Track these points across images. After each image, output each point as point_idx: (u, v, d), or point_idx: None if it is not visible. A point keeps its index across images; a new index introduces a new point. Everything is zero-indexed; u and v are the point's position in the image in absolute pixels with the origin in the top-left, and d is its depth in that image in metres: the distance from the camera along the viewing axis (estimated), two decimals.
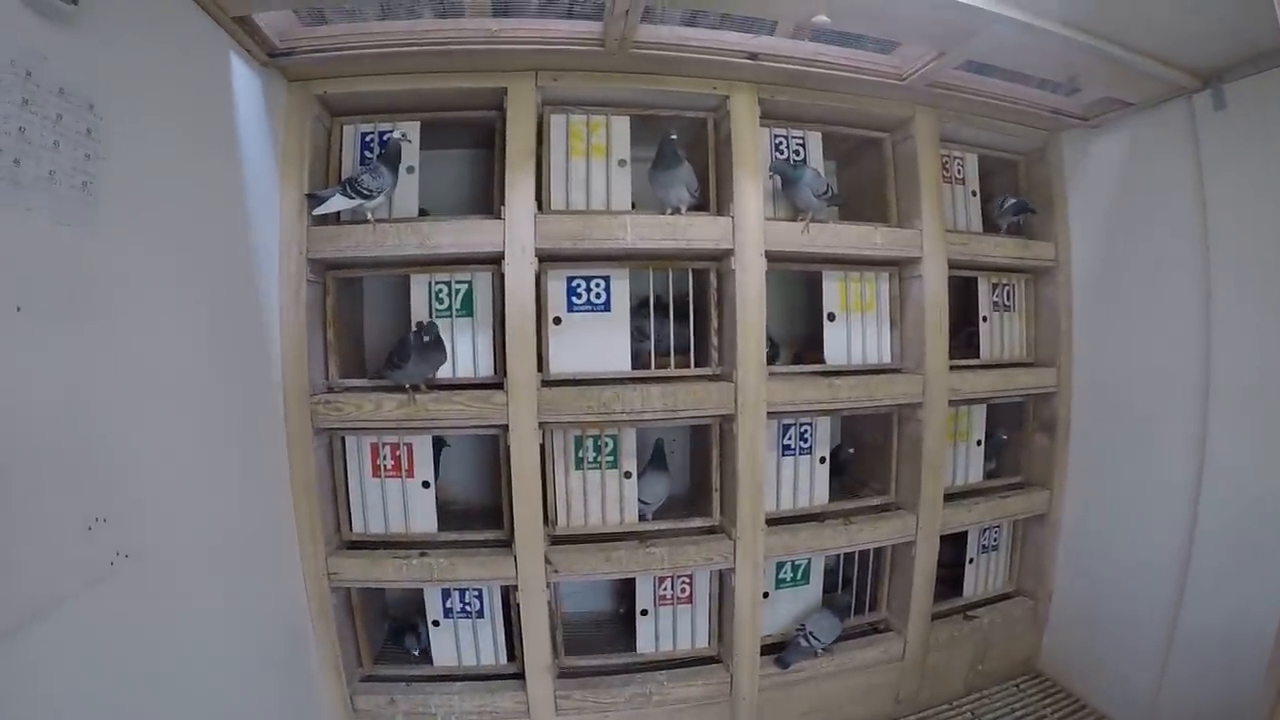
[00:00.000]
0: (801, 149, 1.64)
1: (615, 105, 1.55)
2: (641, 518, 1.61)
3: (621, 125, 1.55)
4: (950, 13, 1.24)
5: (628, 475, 1.55)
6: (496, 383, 1.48)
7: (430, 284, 1.54)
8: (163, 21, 1.04)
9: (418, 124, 1.54)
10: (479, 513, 1.72)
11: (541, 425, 1.46)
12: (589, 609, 1.89)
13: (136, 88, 0.96)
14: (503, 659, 1.61)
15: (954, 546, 1.82)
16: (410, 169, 1.53)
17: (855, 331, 1.65)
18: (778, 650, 1.65)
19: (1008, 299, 1.81)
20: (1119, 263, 1.71)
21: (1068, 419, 1.82)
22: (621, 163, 1.54)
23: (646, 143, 1.61)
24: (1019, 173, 1.88)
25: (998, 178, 1.88)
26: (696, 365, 1.57)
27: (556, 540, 1.55)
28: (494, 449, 1.54)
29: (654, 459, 1.63)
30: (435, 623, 1.60)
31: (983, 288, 1.77)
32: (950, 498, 1.72)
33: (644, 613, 1.62)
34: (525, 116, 1.46)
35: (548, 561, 1.50)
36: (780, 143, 1.62)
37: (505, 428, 1.45)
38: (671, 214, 1.50)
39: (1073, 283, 1.81)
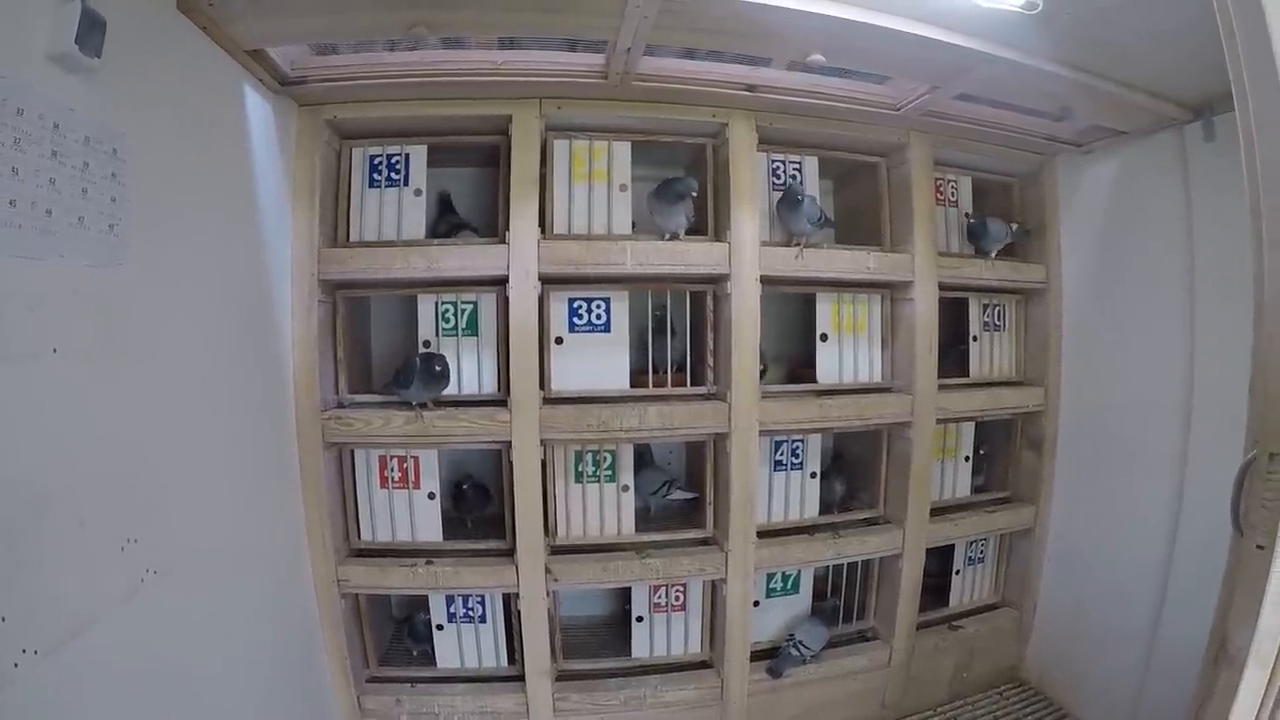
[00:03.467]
0: (799, 173, 1.66)
1: (617, 131, 1.58)
2: (648, 509, 1.67)
3: (623, 151, 1.58)
4: (941, 52, 1.26)
5: (625, 489, 1.60)
6: (500, 400, 1.52)
7: (437, 304, 1.58)
8: (179, 61, 1.08)
9: (424, 148, 1.57)
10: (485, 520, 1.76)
11: (543, 441, 1.51)
12: (586, 613, 1.94)
13: (155, 127, 1.00)
14: (503, 662, 1.67)
15: (941, 558, 1.86)
16: (418, 192, 1.56)
17: (847, 351, 1.69)
18: (768, 656, 1.69)
19: (998, 319, 1.84)
20: (1108, 285, 1.74)
21: (1054, 437, 1.84)
22: (623, 187, 1.58)
23: (649, 164, 1.64)
24: (1013, 195, 1.90)
25: (992, 199, 1.90)
26: (692, 384, 1.60)
27: (556, 550, 1.60)
28: (497, 463, 1.58)
29: (641, 460, 1.68)
30: (439, 626, 1.66)
31: (973, 308, 1.80)
32: (938, 512, 1.76)
33: (639, 619, 1.67)
34: (529, 144, 1.49)
35: (548, 570, 1.55)
36: (778, 167, 1.65)
37: (509, 444, 1.49)
38: (670, 239, 1.53)
39: (1063, 304, 1.83)
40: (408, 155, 1.57)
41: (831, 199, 1.93)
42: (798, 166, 1.66)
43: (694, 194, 1.49)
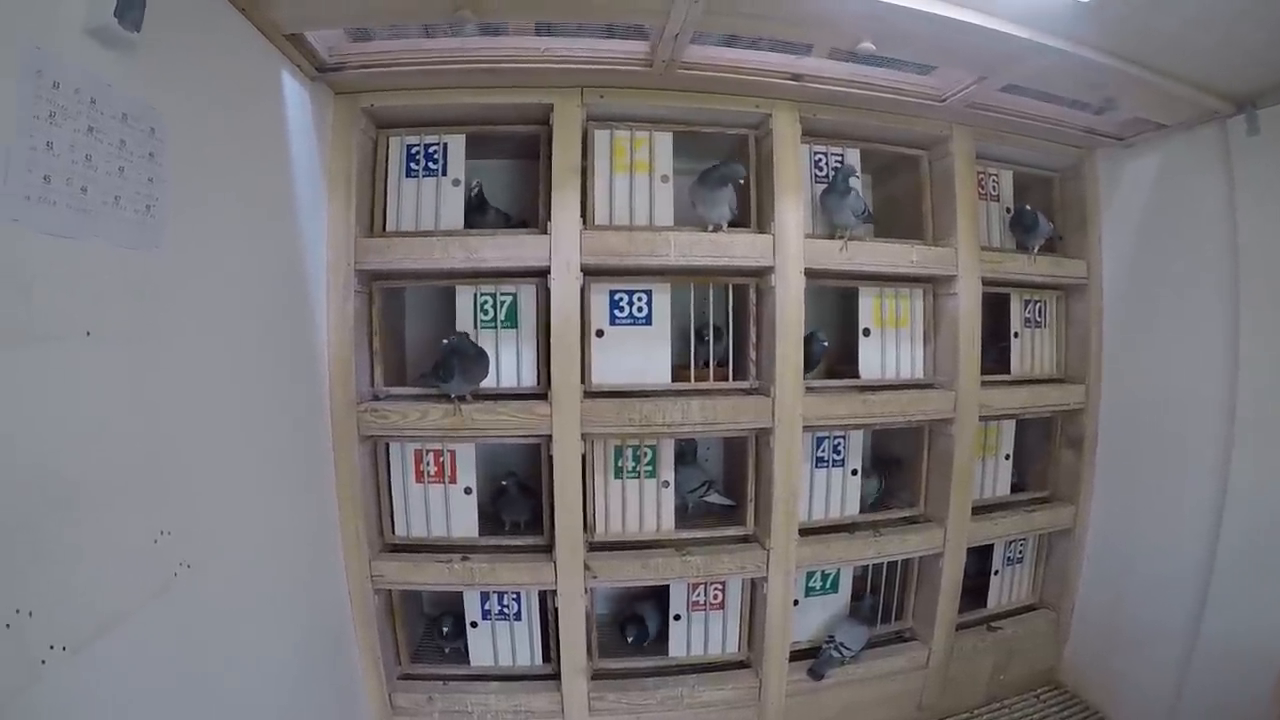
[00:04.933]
0: (841, 164, 1.56)
1: (658, 121, 1.50)
2: (685, 507, 1.59)
3: (664, 141, 1.49)
4: (992, 41, 1.18)
5: (665, 485, 1.50)
6: (540, 393, 1.44)
7: (476, 295, 1.49)
8: (218, 42, 1.01)
9: (463, 137, 1.48)
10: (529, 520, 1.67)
11: (583, 435, 1.42)
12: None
13: (193, 108, 0.92)
14: (538, 660, 1.58)
15: (980, 558, 1.76)
16: (456, 182, 1.48)
17: (890, 346, 1.59)
18: (806, 657, 1.60)
19: (1039, 315, 1.74)
20: (1150, 282, 1.64)
21: (1095, 435, 1.75)
22: (664, 178, 1.49)
23: (688, 157, 1.55)
24: (1054, 189, 1.80)
25: (1033, 194, 1.80)
26: (735, 379, 1.51)
27: (595, 547, 1.51)
28: (537, 459, 1.49)
29: (683, 456, 1.60)
30: (474, 624, 1.57)
31: (1015, 304, 1.70)
32: (977, 511, 1.66)
33: (677, 617, 1.57)
34: (571, 133, 1.40)
35: (586, 567, 1.46)
36: (820, 159, 1.56)
37: (549, 438, 1.40)
38: (714, 230, 1.44)
39: (1104, 301, 1.73)
40: (446, 145, 1.48)
41: (870, 193, 1.83)
42: (840, 158, 1.57)
43: (741, 179, 1.40)
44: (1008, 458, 1.74)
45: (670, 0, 1.07)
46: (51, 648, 0.66)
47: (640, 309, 1.47)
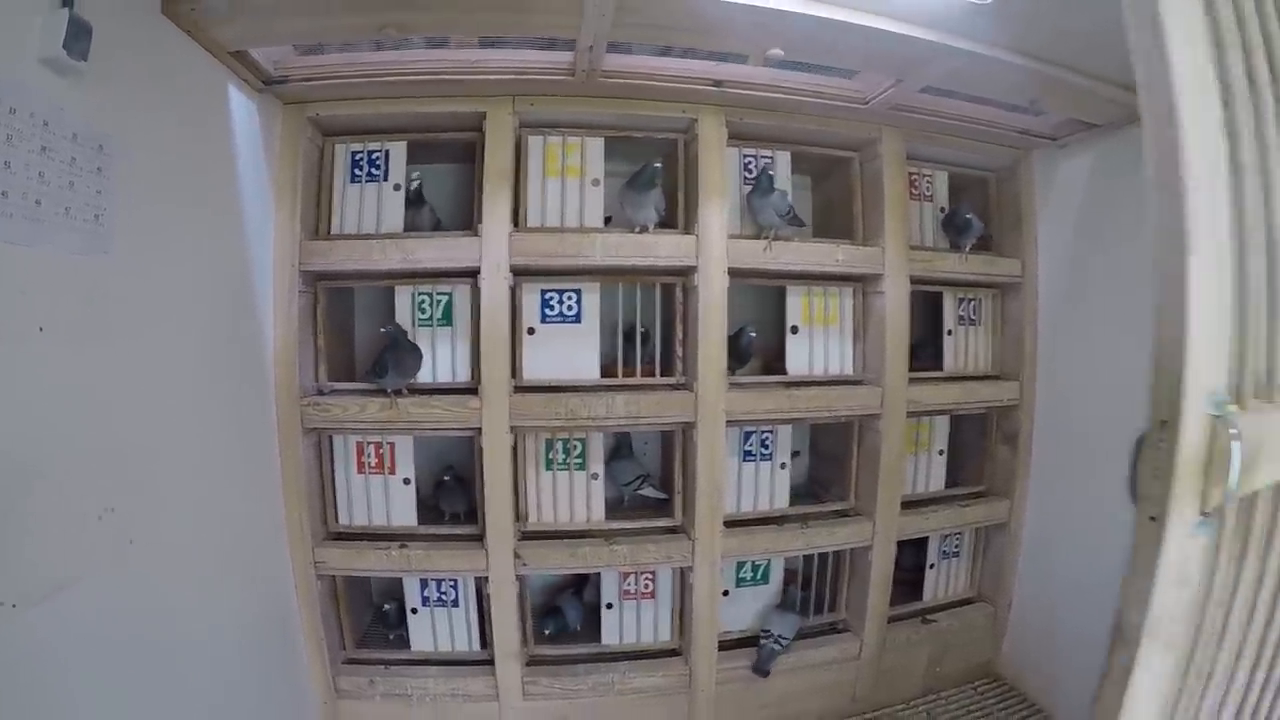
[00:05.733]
0: (770, 167, 1.74)
1: (589, 127, 1.68)
2: (620, 499, 1.78)
3: (595, 146, 1.68)
4: (897, 45, 1.34)
5: (595, 477, 1.69)
6: (472, 388, 1.62)
7: (414, 295, 1.68)
8: (164, 62, 1.20)
9: (404, 144, 1.68)
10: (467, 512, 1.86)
11: (513, 429, 1.61)
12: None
13: (142, 124, 1.12)
14: (475, 646, 1.77)
15: (917, 551, 1.93)
16: (397, 187, 1.67)
17: (818, 344, 1.77)
18: (739, 646, 1.78)
19: (974, 313, 1.91)
20: (1084, 280, 1.80)
21: (1030, 431, 1.91)
22: (595, 182, 1.67)
23: (625, 159, 1.73)
24: (989, 190, 1.97)
25: (970, 194, 1.97)
26: (662, 375, 1.69)
27: (527, 536, 1.70)
28: (473, 450, 1.68)
29: (620, 449, 1.79)
30: (414, 610, 1.76)
31: (948, 302, 1.87)
32: (911, 505, 1.83)
33: (609, 606, 1.76)
34: (502, 140, 1.59)
35: (517, 555, 1.64)
36: (749, 162, 1.74)
37: (479, 430, 1.59)
38: (640, 232, 1.62)
39: (1039, 299, 1.90)
40: (388, 151, 1.68)
41: (810, 194, 2.01)
42: (769, 160, 1.75)
43: (658, 179, 1.58)
44: (941, 453, 1.91)
45: (579, 16, 1.26)
46: (1, 604, 0.84)
47: (570, 307, 1.66)
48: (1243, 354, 0.72)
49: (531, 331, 1.66)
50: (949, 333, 1.87)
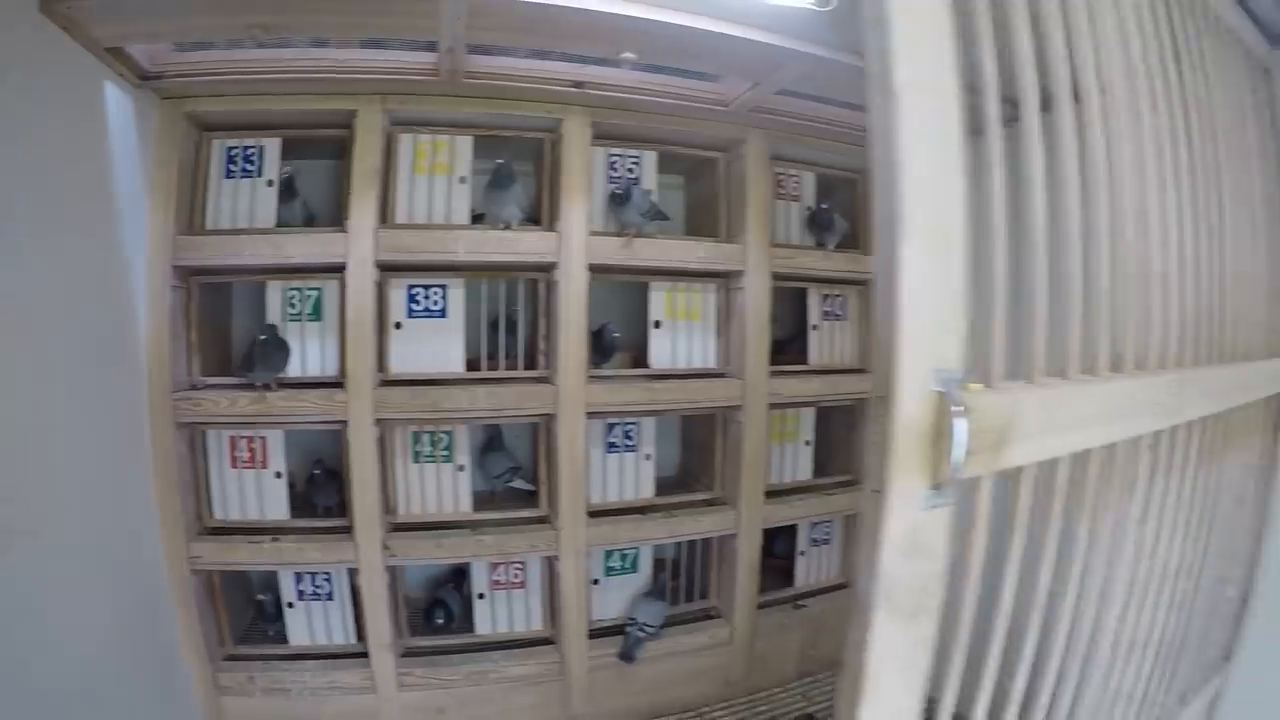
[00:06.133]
0: (636, 167, 1.88)
1: (459, 126, 1.80)
2: (492, 491, 1.90)
3: (465, 144, 1.80)
4: (748, 49, 1.46)
5: (461, 469, 1.80)
6: (339, 382, 1.73)
7: (284, 290, 1.78)
8: (41, 58, 1.26)
9: (279, 140, 1.78)
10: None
11: (380, 421, 1.71)
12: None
13: (14, 120, 1.19)
14: (351, 638, 1.86)
15: (789, 539, 2.07)
16: (270, 182, 1.77)
17: (681, 338, 1.91)
18: (612, 634, 1.90)
19: (839, 309, 2.06)
20: None
21: None
22: (463, 180, 1.79)
23: (493, 156, 1.85)
24: (856, 190, 2.12)
25: (839, 194, 2.12)
26: (526, 369, 1.81)
27: (396, 527, 1.80)
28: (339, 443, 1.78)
29: (492, 443, 1.91)
30: (290, 604, 1.85)
31: (812, 298, 2.03)
32: (777, 494, 1.97)
33: (480, 596, 1.87)
34: (372, 137, 1.70)
35: (385, 547, 1.74)
36: (615, 162, 1.87)
37: (346, 423, 1.69)
38: (503, 229, 1.74)
39: None
40: (263, 147, 1.78)
41: (682, 193, 2.15)
42: (636, 161, 1.88)
43: (515, 177, 1.71)
44: (809, 444, 2.05)
45: (437, 20, 1.38)
46: None
47: (436, 303, 1.77)
48: (989, 336, 0.78)
49: (399, 326, 1.77)
50: (814, 327, 2.02)
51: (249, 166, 1.78)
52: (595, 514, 1.82)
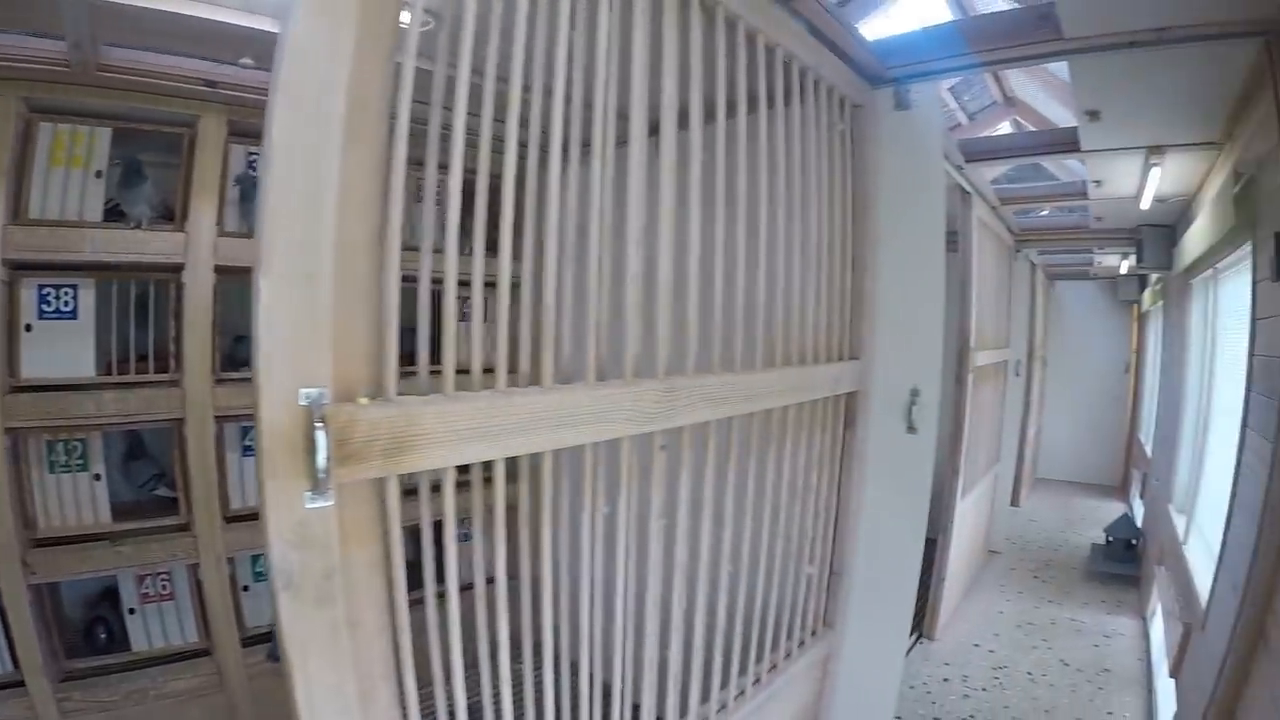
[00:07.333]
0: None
1: (99, 117, 1.94)
2: (137, 500, 2.05)
3: (104, 137, 1.95)
4: None
5: (97, 478, 1.95)
6: None
7: None
8: None
9: None
10: None
11: (12, 430, 1.85)
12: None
13: None
14: (8, 667, 1.98)
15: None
16: None
17: None
18: (269, 640, 2.03)
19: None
20: None
21: None
22: (99, 174, 1.94)
23: (135, 151, 1.99)
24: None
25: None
26: (157, 371, 1.95)
27: (39, 542, 1.93)
28: None
29: (134, 450, 2.05)
30: None
31: None
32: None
33: (131, 611, 2.01)
34: (4, 126, 1.82)
35: (25, 564, 1.88)
36: (254, 160, 2.01)
37: None
38: (134, 228, 1.89)
39: None
40: None
41: None
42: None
43: (142, 173, 1.87)
44: None
45: (58, 14, 1.53)
46: None
47: (67, 303, 1.92)
48: (385, 357, 0.89)
49: (29, 328, 1.91)
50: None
51: None
52: (235, 519, 1.96)
